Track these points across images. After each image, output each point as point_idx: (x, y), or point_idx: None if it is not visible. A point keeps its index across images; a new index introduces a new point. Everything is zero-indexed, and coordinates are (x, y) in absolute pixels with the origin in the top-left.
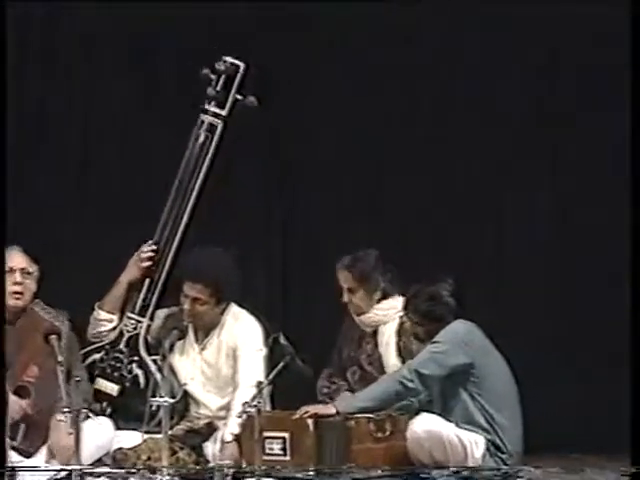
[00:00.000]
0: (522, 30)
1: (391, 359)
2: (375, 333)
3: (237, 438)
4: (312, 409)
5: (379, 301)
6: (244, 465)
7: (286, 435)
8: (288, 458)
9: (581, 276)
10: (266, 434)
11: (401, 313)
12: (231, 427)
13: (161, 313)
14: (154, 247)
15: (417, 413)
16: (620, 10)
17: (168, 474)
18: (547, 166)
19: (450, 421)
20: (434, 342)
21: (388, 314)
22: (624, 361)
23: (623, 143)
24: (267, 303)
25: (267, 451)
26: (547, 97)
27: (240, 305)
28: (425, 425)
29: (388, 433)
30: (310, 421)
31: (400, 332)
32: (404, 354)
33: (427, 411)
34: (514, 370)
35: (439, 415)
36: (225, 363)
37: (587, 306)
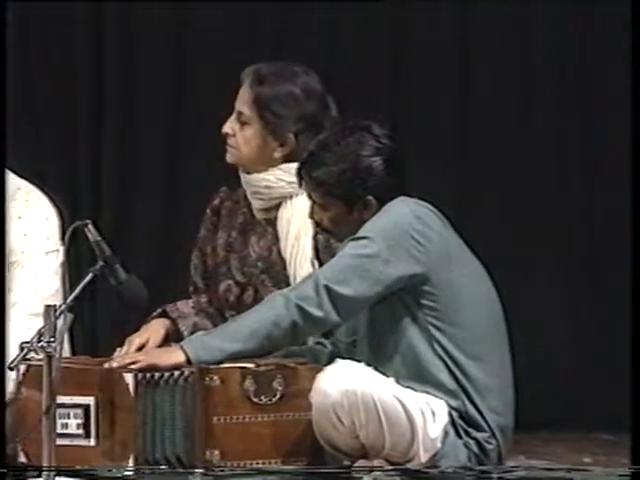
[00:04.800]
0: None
1: (301, 264)
2: (273, 220)
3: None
4: (142, 356)
5: (288, 160)
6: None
7: (90, 401)
8: (92, 443)
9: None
10: (61, 399)
11: None
12: None
13: None
14: None
15: (330, 362)
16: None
17: None
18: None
19: (387, 375)
20: (356, 238)
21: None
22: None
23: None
24: (69, 178)
25: (60, 430)
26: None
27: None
28: (341, 381)
29: (278, 397)
30: (129, 377)
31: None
32: (323, 258)
33: (347, 358)
34: (501, 294)
35: (368, 365)
36: None
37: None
